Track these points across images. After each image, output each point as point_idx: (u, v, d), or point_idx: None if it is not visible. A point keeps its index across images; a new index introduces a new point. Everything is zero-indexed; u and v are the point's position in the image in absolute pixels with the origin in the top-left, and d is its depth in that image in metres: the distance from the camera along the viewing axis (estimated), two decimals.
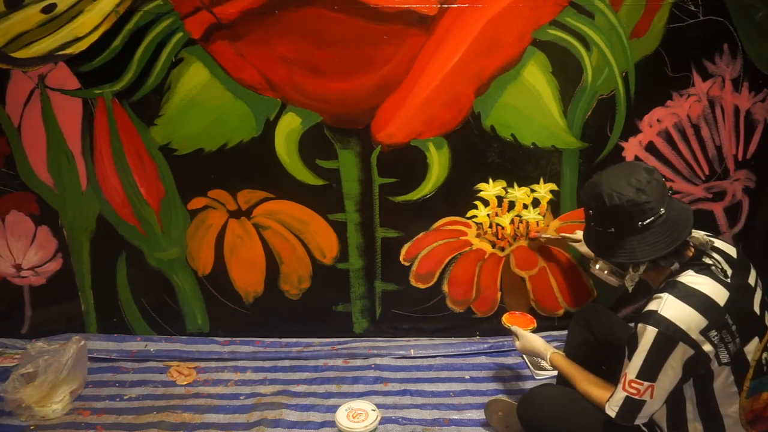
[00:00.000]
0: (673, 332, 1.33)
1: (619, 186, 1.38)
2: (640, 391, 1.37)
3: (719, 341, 1.35)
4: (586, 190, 1.48)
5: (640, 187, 1.37)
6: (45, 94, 2.16)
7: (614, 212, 1.38)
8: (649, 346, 1.34)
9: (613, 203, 1.37)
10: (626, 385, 1.39)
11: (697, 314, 1.33)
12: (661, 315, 1.34)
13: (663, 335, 1.33)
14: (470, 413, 2.04)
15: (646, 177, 1.39)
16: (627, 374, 1.39)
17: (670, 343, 1.33)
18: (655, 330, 1.34)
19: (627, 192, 1.37)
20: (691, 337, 1.33)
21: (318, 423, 2.00)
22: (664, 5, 2.05)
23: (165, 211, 2.32)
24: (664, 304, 1.35)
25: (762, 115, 2.21)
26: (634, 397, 1.38)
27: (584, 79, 2.13)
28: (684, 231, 1.39)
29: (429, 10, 2.03)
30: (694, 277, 1.39)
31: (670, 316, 1.34)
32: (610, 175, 1.44)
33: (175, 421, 2.02)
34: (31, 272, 2.41)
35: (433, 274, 2.39)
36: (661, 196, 1.39)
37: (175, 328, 2.49)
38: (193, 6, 2.04)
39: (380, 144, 2.21)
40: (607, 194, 1.38)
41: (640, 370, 1.37)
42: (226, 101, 2.15)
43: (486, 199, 2.29)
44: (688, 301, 1.35)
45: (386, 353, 2.38)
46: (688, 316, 1.33)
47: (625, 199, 1.36)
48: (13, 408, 2.03)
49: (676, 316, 1.33)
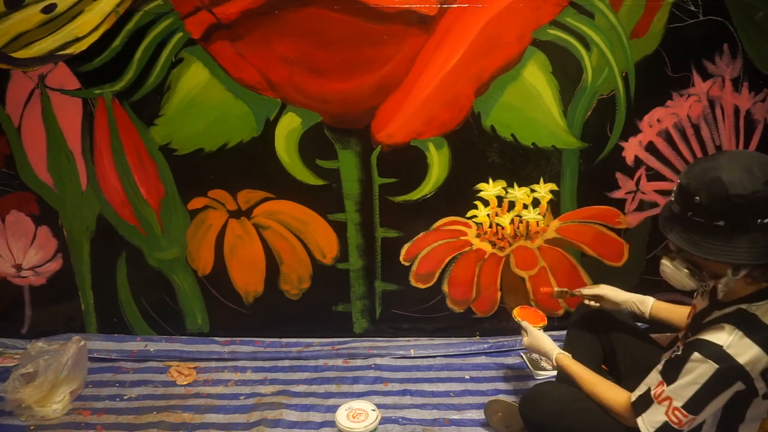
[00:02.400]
0: (733, 372, 1.23)
1: (747, 174, 1.18)
2: (682, 422, 1.30)
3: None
4: (696, 174, 1.25)
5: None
6: (45, 94, 2.16)
7: (734, 203, 1.18)
8: (705, 381, 1.25)
9: (736, 192, 1.17)
10: (670, 412, 1.30)
11: (763, 354, 1.23)
12: (724, 351, 1.23)
13: (722, 374, 1.23)
14: (470, 413, 2.04)
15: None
16: (672, 400, 1.30)
17: (727, 382, 1.25)
18: (716, 367, 1.23)
19: (754, 182, 1.17)
20: (750, 376, 1.24)
21: (318, 423, 2.00)
22: (664, 5, 2.05)
23: (165, 211, 2.32)
24: (731, 342, 1.24)
25: (762, 115, 2.21)
26: (674, 426, 1.31)
27: (584, 79, 2.13)
28: None
29: (429, 10, 2.03)
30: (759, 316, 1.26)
31: (734, 354, 1.23)
32: (731, 159, 1.23)
33: (175, 421, 2.02)
34: (31, 272, 2.41)
35: (433, 274, 2.40)
36: None
37: (175, 328, 2.49)
38: (193, 6, 2.04)
39: (380, 144, 2.21)
40: (730, 181, 1.18)
41: (688, 401, 1.28)
42: (226, 101, 2.15)
43: (486, 199, 2.29)
44: (756, 339, 1.23)
45: (386, 353, 2.38)
46: (754, 356, 1.22)
47: (753, 189, 1.16)
48: (13, 408, 2.03)
49: (740, 355, 1.23)
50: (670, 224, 1.31)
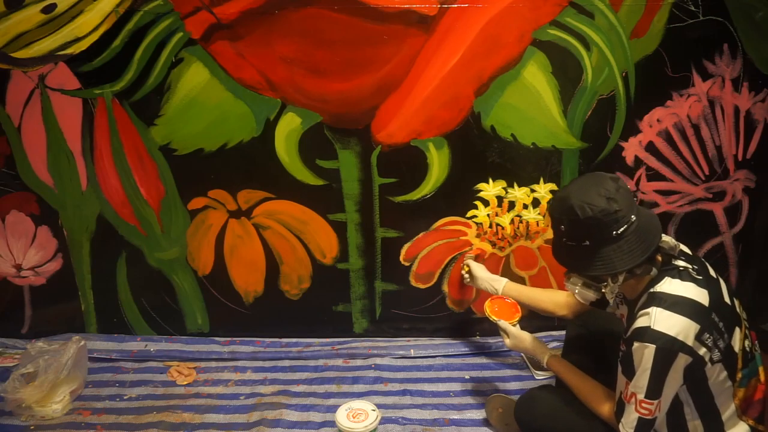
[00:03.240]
0: (671, 344, 1.33)
1: (590, 197, 1.35)
2: (651, 410, 1.37)
3: (712, 343, 1.35)
4: (555, 206, 1.45)
5: (610, 196, 1.35)
6: (45, 94, 2.16)
7: (588, 224, 1.36)
8: (651, 364, 1.34)
9: (586, 215, 1.35)
10: (638, 406, 1.38)
11: (690, 321, 1.34)
12: (655, 330, 1.34)
13: (662, 350, 1.33)
14: (470, 413, 2.04)
15: (614, 186, 1.37)
16: (636, 394, 1.38)
17: (670, 355, 1.33)
18: (654, 346, 1.33)
19: (598, 202, 1.35)
20: (688, 345, 1.33)
21: (318, 423, 2.00)
22: (664, 5, 2.05)
23: (165, 211, 2.32)
24: (655, 319, 1.35)
25: (762, 115, 2.21)
26: (646, 417, 1.38)
27: (584, 79, 2.13)
28: (656, 236, 1.39)
29: (429, 10, 2.03)
30: (672, 284, 1.39)
31: (664, 329, 1.33)
32: (577, 187, 1.41)
33: (175, 421, 2.02)
34: (31, 272, 2.42)
35: (433, 274, 2.40)
36: (630, 204, 1.38)
37: (175, 328, 2.49)
38: (193, 6, 2.04)
39: (380, 144, 2.21)
40: (578, 207, 1.36)
41: (647, 389, 1.36)
42: (226, 101, 2.15)
43: (486, 199, 2.29)
44: (676, 309, 1.35)
45: (386, 353, 2.38)
46: (682, 326, 1.33)
47: (598, 209, 1.34)
48: (13, 408, 2.03)
49: (670, 328, 1.33)
50: (556, 251, 1.50)
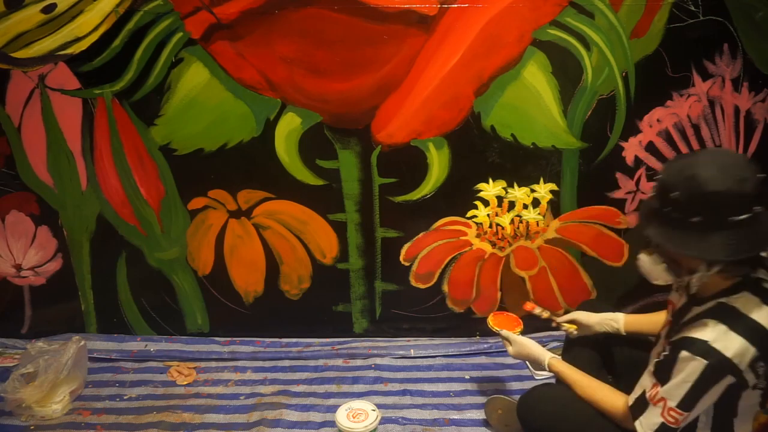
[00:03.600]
0: (723, 366, 1.23)
1: (723, 172, 1.20)
2: (678, 420, 1.29)
3: (763, 372, 1.26)
4: (673, 170, 1.29)
5: (743, 178, 1.20)
6: (45, 94, 2.16)
7: (708, 199, 1.21)
8: (695, 378, 1.25)
9: (710, 189, 1.20)
10: (665, 412, 1.30)
11: (749, 345, 1.23)
12: (711, 347, 1.24)
13: (712, 368, 1.24)
14: (470, 413, 2.04)
15: (752, 169, 1.22)
16: (667, 401, 1.30)
17: (718, 376, 1.25)
18: (704, 362, 1.24)
19: (730, 180, 1.19)
20: (739, 369, 1.24)
21: (318, 423, 2.00)
22: (664, 5, 2.05)
23: (165, 211, 2.32)
24: (717, 336, 1.24)
25: (762, 115, 2.21)
26: (670, 426, 1.30)
27: (584, 79, 2.13)
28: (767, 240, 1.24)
29: (429, 10, 2.03)
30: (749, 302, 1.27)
31: (721, 348, 1.23)
32: (709, 157, 1.27)
33: (175, 421, 2.02)
34: (31, 272, 2.41)
35: (433, 274, 2.39)
36: (758, 195, 1.22)
37: (175, 328, 2.49)
38: (193, 6, 2.04)
39: (380, 144, 2.21)
40: (706, 178, 1.20)
41: (682, 400, 1.28)
42: (226, 101, 2.15)
43: (486, 199, 2.29)
44: (740, 331, 1.24)
45: (386, 353, 2.38)
46: (740, 349, 1.23)
47: (727, 186, 1.19)
48: (13, 408, 2.03)
49: (728, 349, 1.23)
50: (648, 219, 1.34)
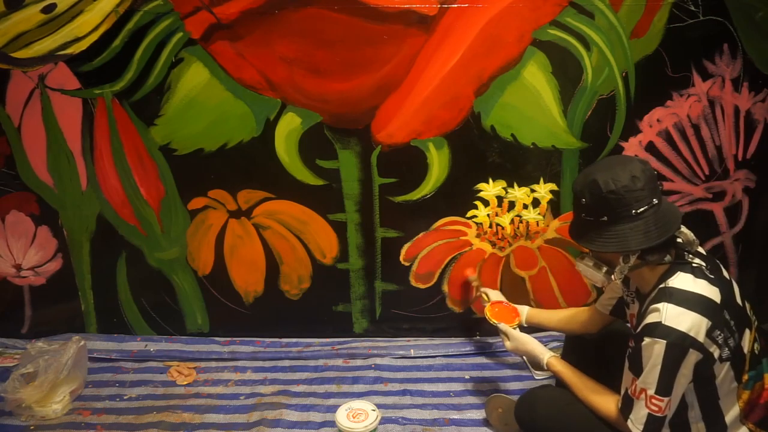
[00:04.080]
0: (682, 341, 1.31)
1: (615, 173, 1.38)
2: (661, 408, 1.35)
3: (722, 341, 1.35)
4: (580, 179, 1.47)
5: (635, 175, 1.37)
6: (45, 94, 2.16)
7: (608, 198, 1.38)
8: (662, 360, 1.32)
9: (608, 188, 1.37)
10: (648, 402, 1.36)
11: (701, 317, 1.32)
12: (666, 326, 1.32)
13: (673, 345, 1.31)
14: (470, 413, 2.04)
15: (640, 166, 1.39)
16: (646, 390, 1.36)
17: (681, 352, 1.31)
18: (665, 342, 1.32)
19: (622, 179, 1.37)
20: (699, 342, 1.32)
21: (318, 423, 2.00)
22: (664, 5, 2.05)
23: (165, 211, 2.32)
24: (666, 315, 1.33)
25: (762, 115, 2.21)
26: (656, 415, 1.36)
27: (584, 79, 2.13)
28: (674, 224, 1.40)
29: (429, 10, 2.03)
30: (684, 279, 1.38)
31: (675, 325, 1.32)
32: (604, 164, 1.45)
33: (175, 421, 2.02)
34: (31, 272, 2.42)
35: (433, 274, 2.40)
36: (654, 187, 1.39)
37: (175, 328, 2.49)
38: (193, 6, 2.04)
39: (380, 144, 2.21)
40: (602, 181, 1.38)
41: (658, 385, 1.34)
42: (226, 101, 2.15)
43: (486, 199, 2.29)
44: (687, 305, 1.33)
45: (386, 353, 2.38)
46: (694, 322, 1.32)
47: (621, 184, 1.36)
48: (13, 408, 2.03)
49: (681, 324, 1.32)
50: (573, 227, 1.53)
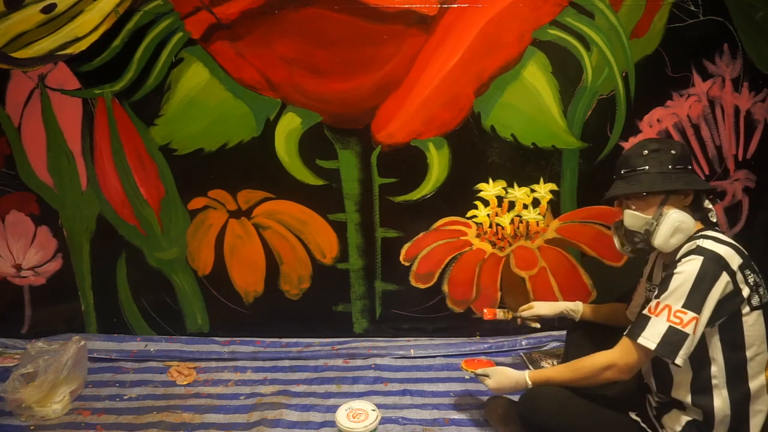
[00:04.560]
0: (717, 260, 1.35)
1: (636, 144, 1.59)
2: (683, 321, 1.33)
3: (753, 283, 1.39)
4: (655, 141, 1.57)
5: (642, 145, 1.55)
6: (45, 94, 2.16)
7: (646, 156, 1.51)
8: (696, 275, 1.35)
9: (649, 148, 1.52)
10: (671, 316, 1.34)
11: (734, 252, 1.38)
12: (703, 247, 1.38)
13: (709, 262, 1.35)
14: (470, 413, 2.03)
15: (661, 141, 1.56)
16: (670, 306, 1.36)
17: (715, 270, 1.35)
18: (701, 258, 1.36)
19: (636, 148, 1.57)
20: (732, 269, 1.36)
21: (318, 423, 2.00)
22: (664, 5, 2.05)
23: (165, 211, 2.32)
24: (703, 244, 1.39)
25: (762, 115, 2.21)
26: (678, 327, 1.33)
27: (584, 79, 2.13)
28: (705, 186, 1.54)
29: (429, 10, 2.03)
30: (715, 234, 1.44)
31: (711, 247, 1.38)
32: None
33: (175, 421, 2.02)
34: (31, 272, 2.42)
35: (433, 274, 2.40)
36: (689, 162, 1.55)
37: (175, 328, 2.49)
38: (193, 6, 2.04)
39: (380, 144, 2.21)
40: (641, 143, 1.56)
41: (687, 299, 1.34)
42: (226, 101, 2.15)
43: (486, 199, 2.29)
44: (722, 242, 1.40)
45: (386, 353, 2.38)
46: (728, 252, 1.37)
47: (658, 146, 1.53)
48: (13, 408, 2.03)
49: (717, 248, 1.37)
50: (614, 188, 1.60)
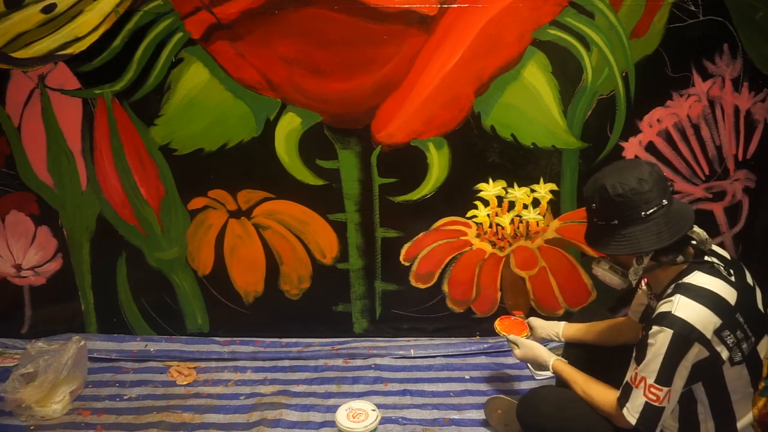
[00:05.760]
0: (688, 333, 1.31)
1: (622, 177, 1.40)
2: (659, 397, 1.35)
3: (733, 342, 1.34)
4: (589, 185, 1.48)
5: (642, 178, 1.38)
6: (45, 94, 2.16)
7: (617, 202, 1.39)
8: (665, 349, 1.32)
9: (616, 192, 1.39)
10: (647, 391, 1.35)
11: (711, 314, 1.32)
12: (675, 316, 1.33)
13: (679, 336, 1.31)
14: (470, 413, 2.04)
15: (648, 169, 1.41)
16: (646, 378, 1.36)
17: (686, 344, 1.31)
18: (670, 332, 1.32)
19: (630, 181, 1.38)
20: (706, 337, 1.31)
21: (318, 423, 2.00)
22: (664, 5, 2.05)
23: (165, 211, 2.32)
24: (677, 305, 1.34)
25: (762, 115, 2.21)
26: (654, 404, 1.35)
27: (584, 79, 2.13)
28: (686, 224, 1.39)
29: (429, 10, 2.03)
30: (702, 277, 1.38)
31: (684, 316, 1.32)
32: (612, 169, 1.46)
33: (175, 421, 2.02)
34: (31, 272, 2.41)
35: (433, 274, 2.39)
36: (664, 189, 1.40)
37: (175, 328, 2.49)
38: (193, 6, 2.04)
39: (380, 144, 2.21)
40: (610, 185, 1.40)
41: (658, 374, 1.34)
42: (226, 101, 2.15)
43: (486, 199, 2.29)
44: (700, 300, 1.33)
45: (386, 353, 2.38)
46: (703, 316, 1.32)
47: (629, 187, 1.38)
48: (13, 408, 2.03)
49: (690, 317, 1.32)
50: (587, 233, 1.53)
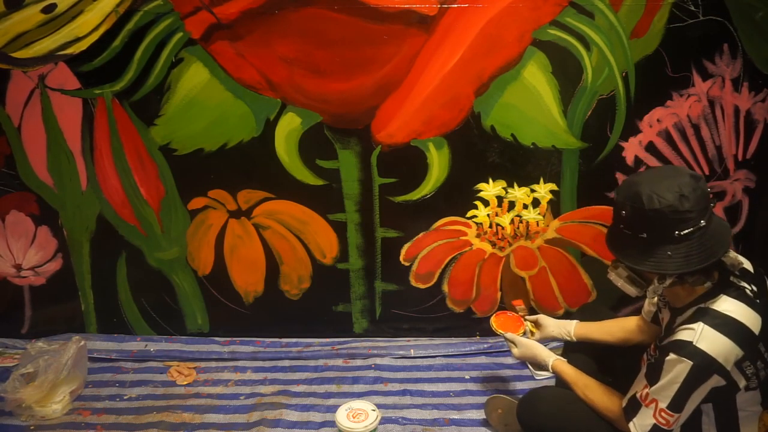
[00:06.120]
0: (708, 365, 1.27)
1: (661, 189, 1.26)
2: (669, 422, 1.33)
3: (752, 373, 1.31)
4: (622, 189, 1.36)
5: (683, 194, 1.25)
6: (45, 94, 2.16)
7: (651, 216, 1.27)
8: (683, 379, 1.29)
9: (652, 206, 1.26)
10: (657, 414, 1.33)
11: (734, 345, 1.27)
12: (696, 348, 1.27)
13: (698, 368, 1.27)
14: (470, 413, 2.04)
15: (692, 184, 1.27)
16: (657, 402, 1.33)
17: (704, 375, 1.28)
18: (690, 363, 1.27)
19: (669, 197, 1.25)
20: (725, 369, 1.28)
21: (318, 423, 2.00)
22: (664, 5, 2.05)
23: (165, 211, 2.32)
24: (700, 336, 1.28)
25: (762, 115, 2.21)
26: (663, 428, 1.34)
27: (584, 79, 2.13)
28: (721, 249, 1.29)
29: (429, 10, 2.03)
30: (728, 303, 1.31)
31: (706, 348, 1.27)
32: (652, 176, 1.33)
33: (175, 421, 2.03)
34: (31, 272, 2.41)
35: (433, 274, 2.40)
36: (704, 208, 1.28)
37: (175, 328, 2.49)
38: (193, 6, 2.04)
39: (380, 144, 2.21)
40: (646, 196, 1.27)
41: (672, 401, 1.31)
42: (226, 101, 2.15)
43: (486, 199, 2.29)
44: (723, 330, 1.27)
45: (386, 353, 2.38)
46: (725, 348, 1.27)
47: (666, 203, 1.25)
48: (13, 408, 2.03)
49: (712, 349, 1.27)
50: (610, 236, 1.42)
